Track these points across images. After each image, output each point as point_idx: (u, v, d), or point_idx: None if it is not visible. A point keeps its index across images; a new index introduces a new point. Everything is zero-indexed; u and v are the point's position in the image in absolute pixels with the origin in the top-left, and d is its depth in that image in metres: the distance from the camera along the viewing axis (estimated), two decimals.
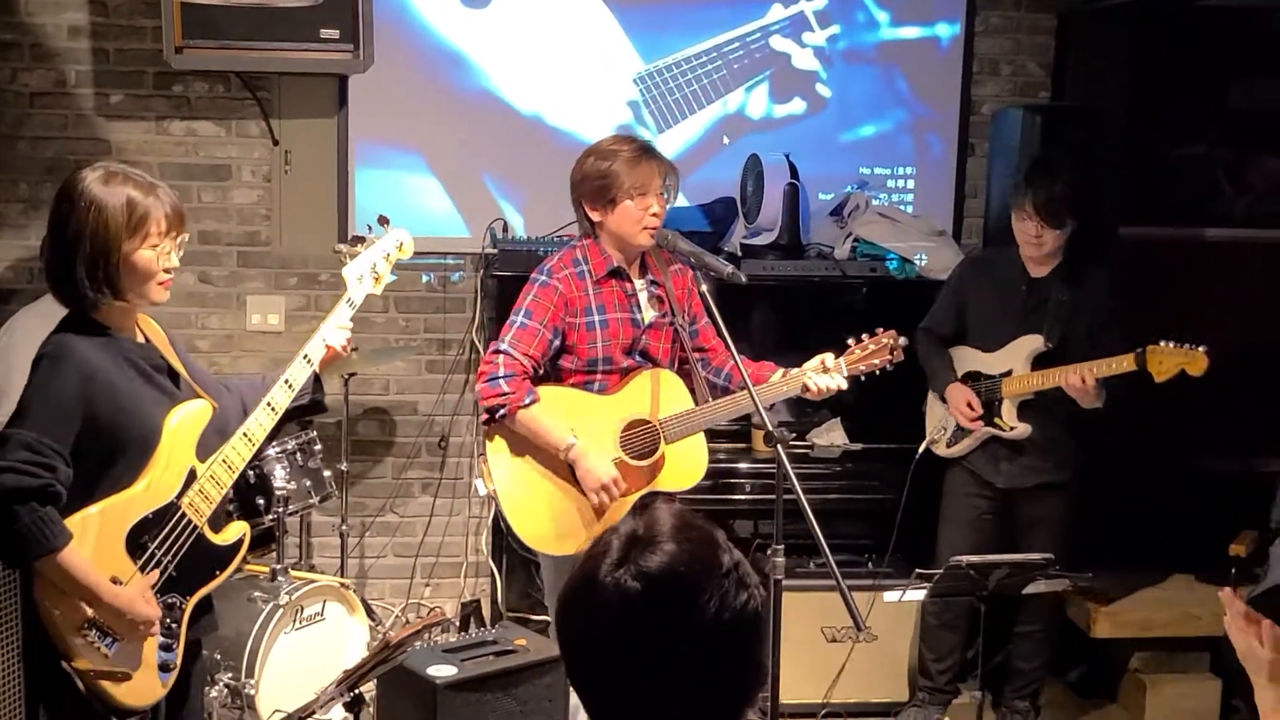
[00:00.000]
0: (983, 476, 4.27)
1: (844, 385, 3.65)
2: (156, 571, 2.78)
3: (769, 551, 3.24)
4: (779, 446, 3.17)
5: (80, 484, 2.70)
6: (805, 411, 4.80)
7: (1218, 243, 5.27)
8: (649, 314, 3.68)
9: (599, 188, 3.56)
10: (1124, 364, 3.87)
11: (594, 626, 1.61)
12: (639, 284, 3.69)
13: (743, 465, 4.62)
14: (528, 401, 3.51)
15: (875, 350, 3.65)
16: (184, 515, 2.81)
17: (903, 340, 3.69)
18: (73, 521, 2.67)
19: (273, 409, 2.94)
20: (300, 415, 3.16)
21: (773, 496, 3.34)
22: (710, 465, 3.71)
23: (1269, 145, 5.33)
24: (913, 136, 5.31)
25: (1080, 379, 3.93)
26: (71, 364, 2.69)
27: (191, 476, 2.83)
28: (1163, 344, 3.81)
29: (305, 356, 2.99)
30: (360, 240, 3.17)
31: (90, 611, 2.71)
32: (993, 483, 4.25)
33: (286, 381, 2.95)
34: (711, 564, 1.61)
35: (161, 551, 2.79)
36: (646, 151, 3.60)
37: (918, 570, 3.73)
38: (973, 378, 4.26)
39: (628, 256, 3.66)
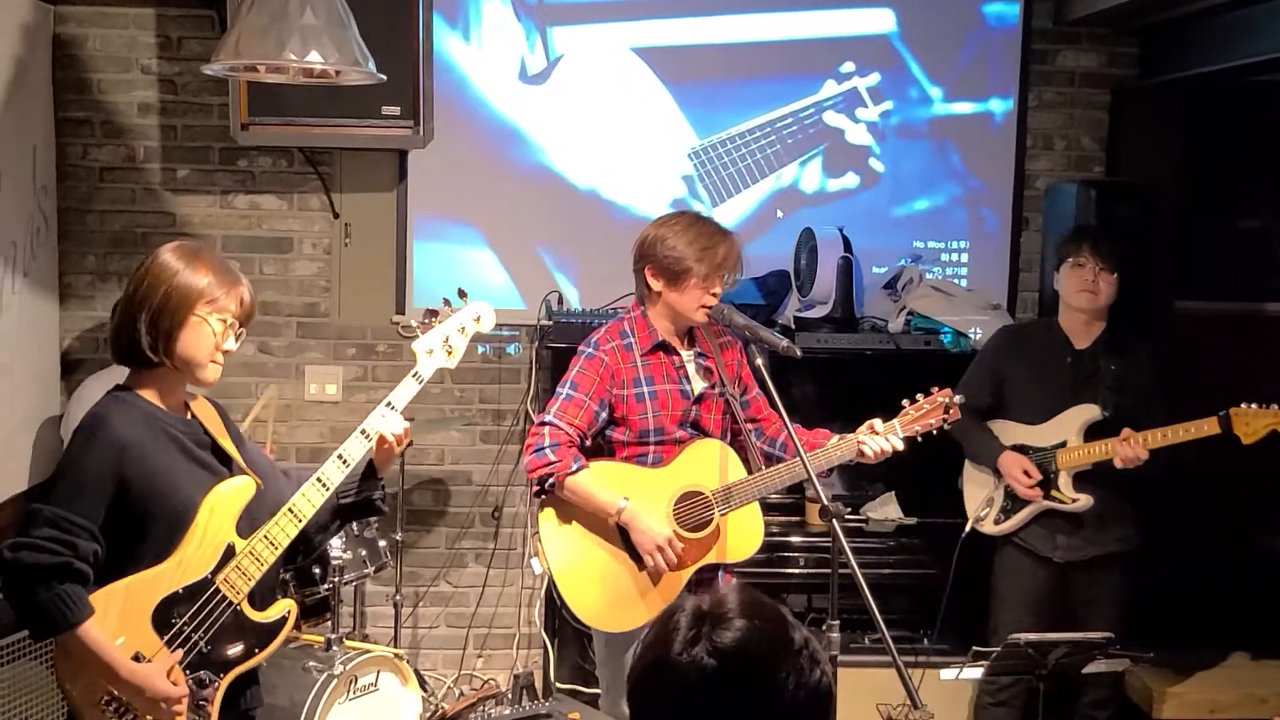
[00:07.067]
0: (1038, 552, 4.19)
1: (900, 446, 3.63)
2: (182, 650, 2.75)
3: (824, 627, 3.20)
4: (834, 520, 3.16)
5: (113, 556, 2.70)
6: (860, 485, 4.79)
7: (1276, 316, 5.23)
8: (698, 385, 3.68)
9: (671, 269, 3.56)
10: (1206, 428, 3.79)
11: (675, 708, 1.61)
12: (686, 355, 3.70)
13: (796, 539, 4.60)
14: (575, 468, 3.51)
15: (930, 410, 3.65)
16: (218, 591, 2.78)
17: (958, 398, 3.68)
18: (97, 596, 2.67)
19: (323, 484, 2.89)
20: (351, 516, 3.08)
21: (826, 570, 3.33)
22: (764, 538, 3.69)
23: None
24: (966, 210, 5.32)
25: (1146, 445, 3.86)
26: (106, 437, 2.69)
27: (230, 553, 2.80)
28: (1245, 405, 3.75)
29: (363, 430, 2.95)
30: (434, 314, 3.13)
31: (110, 688, 2.69)
32: (1049, 558, 4.18)
33: (340, 457, 2.91)
34: (785, 641, 1.63)
35: (191, 628, 2.76)
36: (724, 240, 3.58)
37: (975, 648, 3.69)
38: (1019, 450, 4.19)
39: (677, 329, 3.68)
